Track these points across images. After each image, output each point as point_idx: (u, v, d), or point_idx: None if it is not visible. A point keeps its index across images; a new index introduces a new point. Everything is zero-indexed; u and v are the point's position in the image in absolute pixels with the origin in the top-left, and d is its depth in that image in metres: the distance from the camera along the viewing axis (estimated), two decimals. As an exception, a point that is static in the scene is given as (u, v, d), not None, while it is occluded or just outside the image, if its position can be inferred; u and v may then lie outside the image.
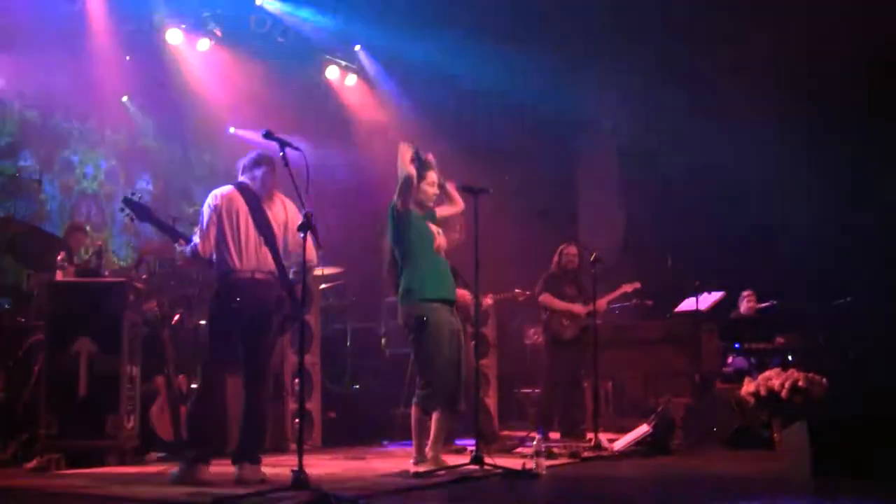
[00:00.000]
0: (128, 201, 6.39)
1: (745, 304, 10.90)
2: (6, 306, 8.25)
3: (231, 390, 6.29)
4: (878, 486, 5.70)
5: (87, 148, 11.32)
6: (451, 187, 6.88)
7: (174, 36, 11.30)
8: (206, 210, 6.25)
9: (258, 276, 6.13)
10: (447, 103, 12.96)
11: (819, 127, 11.40)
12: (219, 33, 11.49)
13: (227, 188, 6.31)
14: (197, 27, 11.40)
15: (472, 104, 13.01)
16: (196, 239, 6.21)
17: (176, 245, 6.27)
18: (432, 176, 6.73)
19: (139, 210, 6.37)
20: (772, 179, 11.63)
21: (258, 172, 6.33)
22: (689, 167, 12.29)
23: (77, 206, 11.02)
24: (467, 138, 12.75)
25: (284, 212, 6.34)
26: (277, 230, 6.26)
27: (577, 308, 9.61)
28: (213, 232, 6.18)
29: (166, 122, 11.97)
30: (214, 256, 6.21)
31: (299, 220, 6.25)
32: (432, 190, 6.72)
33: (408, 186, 6.57)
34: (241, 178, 6.38)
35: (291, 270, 6.33)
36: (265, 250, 6.18)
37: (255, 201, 6.26)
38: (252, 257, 6.14)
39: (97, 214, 11.33)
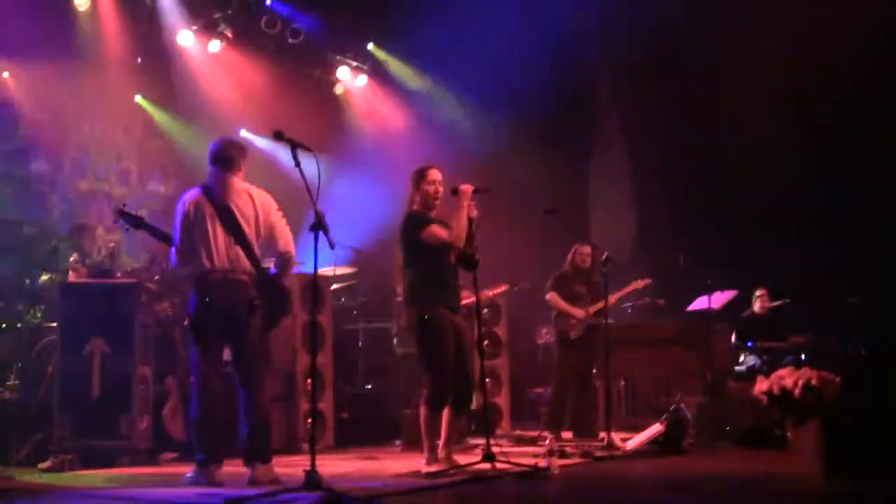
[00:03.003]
0: (121, 213, 6.45)
1: (759, 303, 10.85)
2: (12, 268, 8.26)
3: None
4: (892, 486, 5.68)
5: (99, 149, 11.34)
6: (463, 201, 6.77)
7: (185, 37, 11.32)
8: (176, 219, 6.21)
9: (230, 276, 6.07)
10: (455, 103, 12.97)
11: (832, 125, 11.37)
12: (229, 35, 11.51)
13: (192, 192, 6.25)
14: (208, 29, 11.42)
15: (481, 104, 13.00)
16: (172, 249, 6.21)
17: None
18: (433, 174, 6.72)
19: (133, 220, 6.42)
20: (783, 178, 11.60)
21: (218, 170, 6.26)
22: (699, 166, 12.28)
23: (89, 208, 11.04)
24: (477, 138, 12.76)
25: (252, 204, 6.23)
26: (247, 227, 6.17)
27: (578, 311, 9.59)
28: (184, 240, 6.14)
29: (177, 123, 11.98)
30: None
31: (272, 206, 6.26)
32: (433, 188, 6.70)
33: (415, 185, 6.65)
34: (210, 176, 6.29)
35: (273, 262, 6.31)
36: (237, 250, 6.11)
37: (220, 200, 6.17)
38: (224, 258, 6.08)
39: (109, 216, 11.34)
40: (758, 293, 10.89)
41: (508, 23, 12.26)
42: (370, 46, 13.10)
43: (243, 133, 12.44)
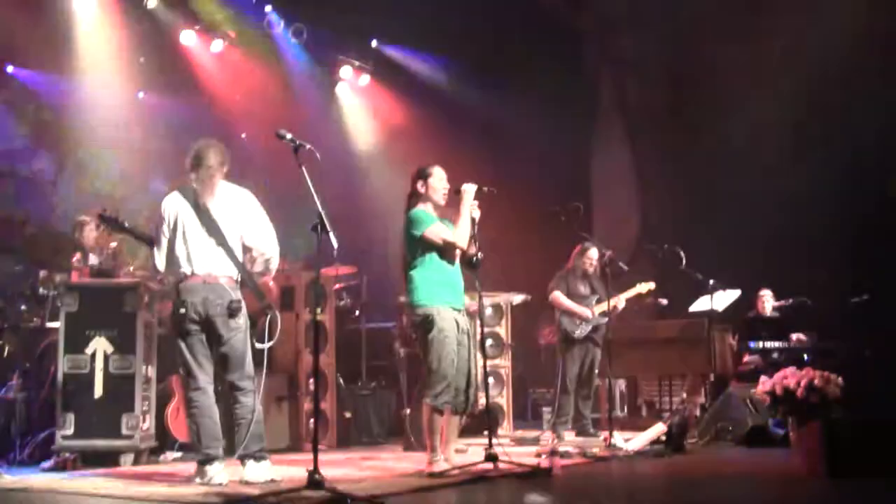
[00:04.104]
0: (102, 217, 6.45)
1: (762, 303, 10.82)
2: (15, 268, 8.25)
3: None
4: (894, 486, 5.67)
5: (101, 149, 11.33)
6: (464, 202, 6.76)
7: (188, 37, 11.33)
8: (157, 223, 6.20)
9: (210, 280, 6.04)
10: (459, 102, 12.97)
11: (836, 124, 11.35)
12: (232, 34, 11.51)
13: (172, 195, 6.22)
14: (210, 28, 11.42)
15: (484, 104, 13.01)
16: (156, 254, 6.21)
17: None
18: (438, 172, 6.73)
19: (114, 223, 6.41)
20: (786, 177, 11.59)
21: (197, 173, 6.20)
22: (701, 165, 12.27)
23: (91, 207, 11.03)
24: (480, 137, 12.75)
25: (232, 205, 6.20)
26: (228, 229, 6.14)
27: (584, 311, 9.59)
28: (164, 244, 6.13)
29: (180, 122, 11.98)
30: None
31: (252, 205, 6.23)
32: (442, 185, 6.71)
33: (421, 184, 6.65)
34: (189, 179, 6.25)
35: (257, 262, 6.29)
36: (219, 252, 6.09)
37: (199, 203, 6.12)
38: (203, 262, 6.05)
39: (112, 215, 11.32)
40: (762, 294, 10.86)
41: (510, 21, 12.28)
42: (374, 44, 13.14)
43: (243, 136, 12.47)
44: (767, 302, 10.79)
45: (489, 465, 6.30)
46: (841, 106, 11.28)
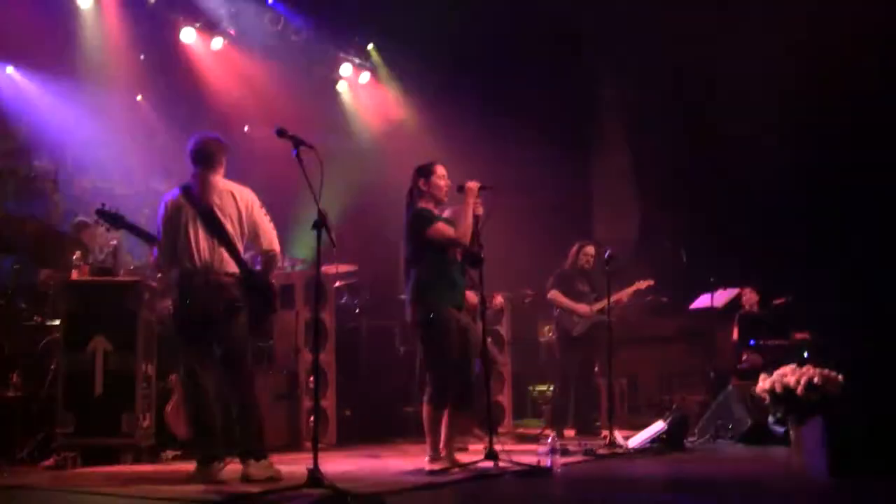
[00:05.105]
0: (100, 212, 6.44)
1: (747, 300, 10.82)
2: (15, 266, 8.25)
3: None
4: (895, 484, 5.67)
5: (102, 147, 11.32)
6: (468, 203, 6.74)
7: (188, 35, 11.33)
8: (157, 220, 6.18)
9: (212, 278, 6.03)
10: (458, 101, 12.96)
11: (838, 121, 11.35)
12: (232, 32, 11.51)
13: (173, 193, 6.19)
14: (211, 26, 11.42)
15: (485, 102, 12.99)
16: (157, 251, 6.20)
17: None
18: (440, 170, 6.72)
19: (113, 218, 6.40)
20: (788, 176, 11.59)
21: (197, 171, 6.18)
22: (701, 162, 12.27)
23: (92, 206, 11.01)
24: (479, 136, 12.74)
25: (234, 203, 6.17)
26: (230, 227, 6.12)
27: (582, 308, 9.59)
28: (166, 242, 6.12)
29: (180, 120, 11.98)
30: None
31: (254, 203, 6.21)
32: (444, 182, 6.71)
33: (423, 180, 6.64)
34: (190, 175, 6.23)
35: (258, 261, 6.28)
36: (221, 251, 6.07)
37: (201, 201, 6.10)
38: (206, 260, 6.03)
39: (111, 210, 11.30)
40: (744, 290, 10.87)
41: (509, 20, 12.27)
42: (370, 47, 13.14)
43: (246, 129, 12.47)
44: (751, 298, 10.80)
45: (489, 463, 6.31)
46: (841, 105, 11.27)
